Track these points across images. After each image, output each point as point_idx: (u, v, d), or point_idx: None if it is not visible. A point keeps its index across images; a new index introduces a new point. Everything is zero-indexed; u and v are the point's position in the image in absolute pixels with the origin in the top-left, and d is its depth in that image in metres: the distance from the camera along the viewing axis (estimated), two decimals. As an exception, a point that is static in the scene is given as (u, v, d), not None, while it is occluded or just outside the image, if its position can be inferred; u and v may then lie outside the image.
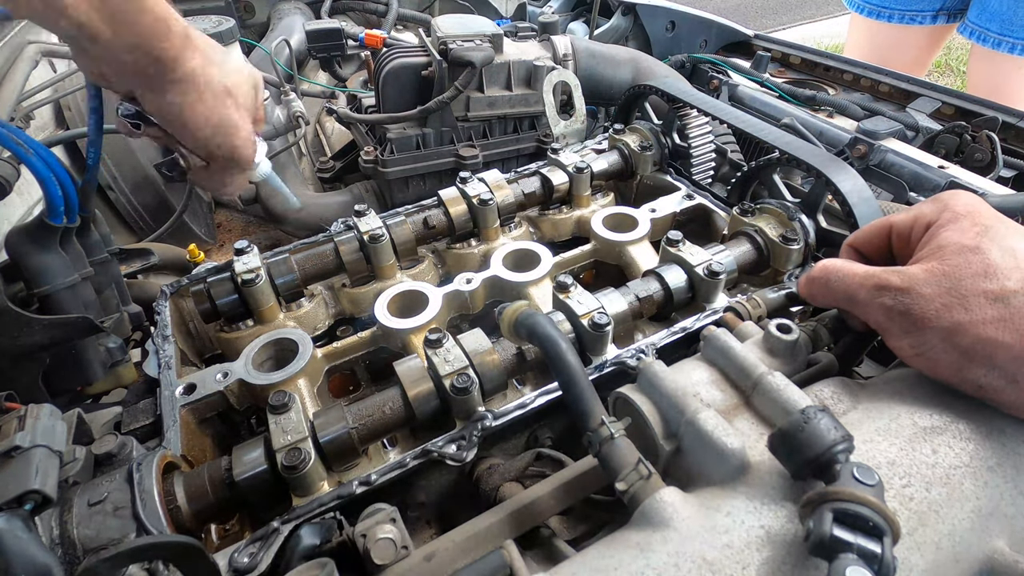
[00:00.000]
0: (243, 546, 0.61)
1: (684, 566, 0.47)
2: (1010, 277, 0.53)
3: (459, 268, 1.06)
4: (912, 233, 0.63)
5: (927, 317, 0.55)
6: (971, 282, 0.54)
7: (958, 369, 0.54)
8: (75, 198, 0.76)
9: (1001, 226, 0.57)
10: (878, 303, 0.59)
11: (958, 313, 0.53)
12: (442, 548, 0.59)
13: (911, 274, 0.57)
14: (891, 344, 0.59)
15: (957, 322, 0.53)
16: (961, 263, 0.55)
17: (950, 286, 0.54)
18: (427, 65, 1.34)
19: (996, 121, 1.50)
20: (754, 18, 6.66)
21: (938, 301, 0.54)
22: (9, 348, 0.74)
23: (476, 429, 0.70)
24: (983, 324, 0.52)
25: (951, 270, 0.55)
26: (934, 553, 0.48)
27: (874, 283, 0.59)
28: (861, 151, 1.37)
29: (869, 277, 0.60)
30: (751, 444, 0.57)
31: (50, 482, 0.55)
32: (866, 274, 0.61)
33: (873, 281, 0.60)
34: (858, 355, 0.87)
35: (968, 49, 2.28)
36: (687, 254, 0.89)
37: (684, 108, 1.20)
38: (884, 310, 0.58)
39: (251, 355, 0.84)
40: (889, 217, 0.67)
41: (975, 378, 0.54)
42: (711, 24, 2.17)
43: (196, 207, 1.56)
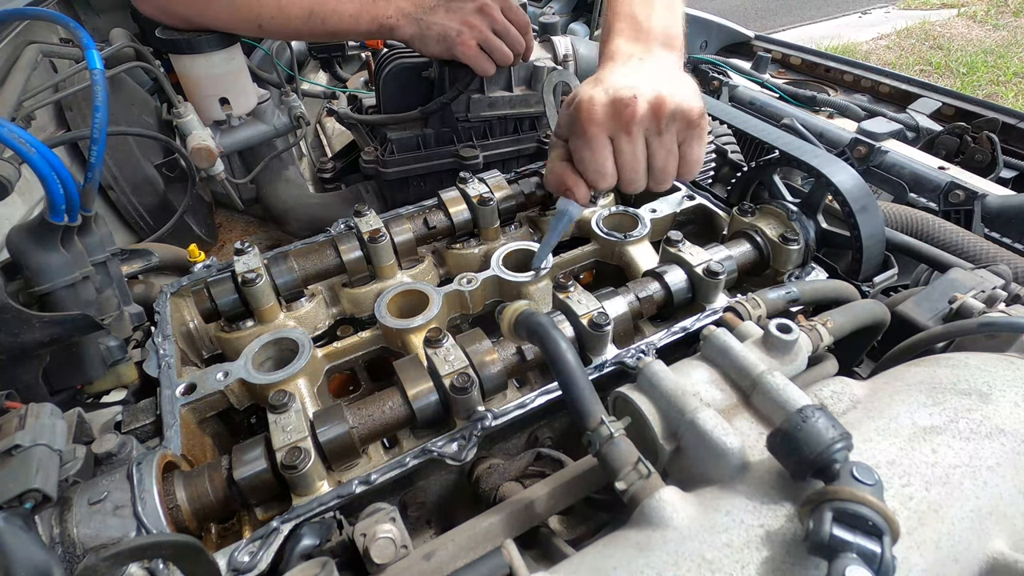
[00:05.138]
0: (243, 545, 0.61)
1: (684, 565, 0.47)
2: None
3: (459, 268, 1.06)
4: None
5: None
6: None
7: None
8: (76, 197, 0.76)
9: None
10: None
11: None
12: (442, 547, 0.59)
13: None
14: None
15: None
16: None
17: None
18: (428, 66, 1.34)
19: (996, 122, 1.51)
20: (754, 19, 6.66)
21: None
22: (9, 345, 0.74)
23: (476, 429, 0.70)
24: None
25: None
26: (934, 553, 0.48)
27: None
28: (861, 152, 1.37)
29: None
30: (751, 443, 0.57)
31: (50, 481, 0.55)
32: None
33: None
34: (858, 355, 0.87)
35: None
36: (687, 254, 0.89)
37: (684, 109, 1.20)
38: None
39: (251, 355, 0.84)
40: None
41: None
42: (711, 25, 2.17)
43: (196, 207, 1.56)
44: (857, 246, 0.90)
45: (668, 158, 0.82)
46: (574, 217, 0.90)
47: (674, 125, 0.79)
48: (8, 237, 0.77)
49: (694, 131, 0.81)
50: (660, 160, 0.81)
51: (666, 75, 0.81)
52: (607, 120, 0.77)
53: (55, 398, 0.82)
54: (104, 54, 1.00)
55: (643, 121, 0.77)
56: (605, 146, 0.79)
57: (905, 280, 1.04)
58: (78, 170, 1.32)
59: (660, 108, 0.77)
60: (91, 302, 0.82)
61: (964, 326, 0.72)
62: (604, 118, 0.77)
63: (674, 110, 0.77)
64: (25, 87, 1.15)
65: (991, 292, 0.80)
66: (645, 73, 0.80)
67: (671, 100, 0.77)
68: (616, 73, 0.80)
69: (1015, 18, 6.52)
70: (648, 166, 0.82)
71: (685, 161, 0.83)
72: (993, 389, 0.59)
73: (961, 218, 1.22)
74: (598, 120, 0.77)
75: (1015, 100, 4.79)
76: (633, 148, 0.80)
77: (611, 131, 0.79)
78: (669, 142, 0.81)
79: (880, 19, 6.89)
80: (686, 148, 0.82)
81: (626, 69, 0.81)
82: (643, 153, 0.81)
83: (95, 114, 0.77)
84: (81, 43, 0.80)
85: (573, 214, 0.89)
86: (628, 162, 0.80)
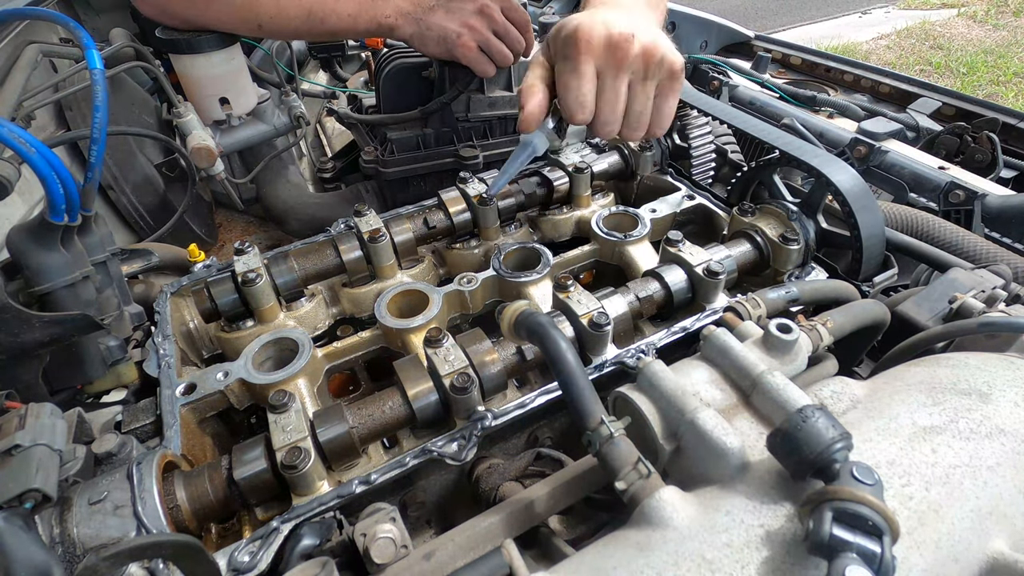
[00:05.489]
0: (243, 545, 0.61)
1: (683, 565, 0.47)
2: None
3: (459, 268, 1.06)
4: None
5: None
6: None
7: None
8: (76, 196, 0.76)
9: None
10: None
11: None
12: (441, 547, 0.59)
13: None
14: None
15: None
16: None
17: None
18: (428, 65, 1.34)
19: (996, 122, 1.50)
20: (754, 19, 6.66)
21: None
22: (9, 345, 0.74)
23: (476, 429, 0.70)
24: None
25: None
26: (933, 552, 0.48)
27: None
28: (861, 152, 1.37)
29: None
30: (751, 443, 0.57)
31: (50, 481, 0.55)
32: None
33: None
34: (858, 355, 0.87)
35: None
36: (687, 254, 0.89)
37: (684, 108, 1.20)
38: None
39: (251, 355, 0.84)
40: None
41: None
42: (711, 25, 2.17)
43: (196, 207, 1.56)
44: (857, 246, 0.90)
45: (647, 105, 0.83)
46: (538, 150, 0.87)
47: (659, 74, 0.81)
48: (8, 237, 0.77)
49: (674, 84, 0.83)
50: (639, 105, 0.82)
51: (654, 26, 0.83)
52: (602, 53, 0.78)
53: (55, 398, 0.82)
54: (104, 54, 1.00)
55: (634, 62, 0.78)
56: (593, 78, 0.79)
57: (905, 280, 1.04)
58: (78, 170, 1.32)
59: (652, 53, 0.78)
60: (91, 302, 0.82)
61: (964, 326, 0.72)
62: (599, 50, 0.77)
63: (663, 58, 0.79)
64: (25, 87, 1.15)
65: (991, 292, 0.80)
66: (637, 19, 0.81)
67: (661, 48, 0.79)
68: (610, 14, 0.81)
69: (1015, 18, 6.52)
70: (625, 110, 0.83)
71: (660, 113, 0.84)
72: (993, 389, 0.59)
73: (961, 218, 1.22)
74: (594, 51, 0.77)
75: (1015, 100, 4.79)
76: (618, 86, 0.80)
77: (602, 65, 0.79)
78: (650, 89, 0.82)
79: (880, 19, 6.90)
80: (662, 100, 0.83)
81: (618, 12, 0.82)
82: (625, 95, 0.81)
83: (95, 114, 0.77)
84: (81, 43, 0.80)
85: (537, 147, 0.87)
86: (610, 100, 0.81)
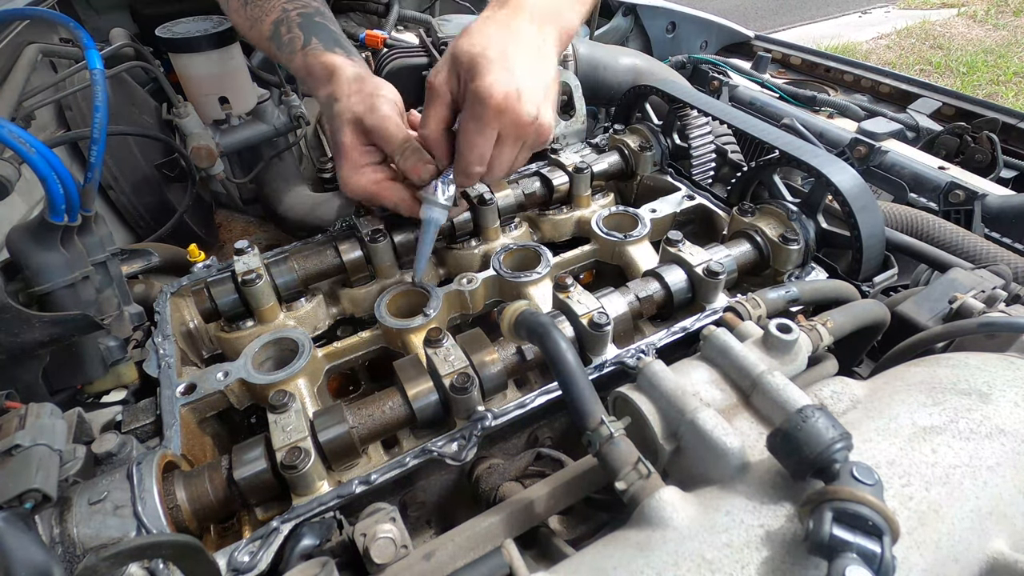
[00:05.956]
0: (243, 545, 0.61)
1: (683, 565, 0.47)
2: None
3: (459, 268, 1.06)
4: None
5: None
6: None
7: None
8: (76, 196, 0.76)
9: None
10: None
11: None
12: (442, 547, 0.59)
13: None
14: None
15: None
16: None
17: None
18: (428, 65, 1.34)
19: (996, 122, 1.50)
20: (754, 19, 6.66)
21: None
22: (10, 345, 0.74)
23: (476, 429, 0.70)
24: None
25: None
26: (934, 552, 0.48)
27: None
28: (861, 152, 1.37)
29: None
30: (751, 443, 0.57)
31: (50, 481, 0.55)
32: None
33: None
34: (858, 355, 0.87)
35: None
36: (687, 254, 0.89)
37: (684, 108, 1.20)
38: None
39: (251, 355, 0.84)
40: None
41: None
42: (711, 25, 2.17)
43: (196, 207, 1.56)
44: (857, 246, 0.90)
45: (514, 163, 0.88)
46: (440, 221, 0.90)
47: (538, 144, 0.87)
48: (8, 237, 0.77)
49: (537, 146, 0.88)
50: (514, 164, 0.88)
51: (552, 84, 0.85)
52: (509, 125, 0.80)
53: (55, 398, 0.83)
54: (104, 54, 1.00)
55: (529, 136, 0.83)
56: (493, 141, 0.82)
57: (905, 280, 1.04)
58: (78, 170, 1.32)
59: (543, 132, 0.83)
60: (91, 302, 0.82)
61: (964, 326, 0.73)
62: (508, 122, 0.80)
63: (548, 134, 0.84)
64: (25, 87, 1.15)
65: (991, 292, 0.80)
66: (541, 74, 0.82)
67: (548, 123, 0.83)
68: (519, 59, 0.80)
69: (1015, 18, 6.52)
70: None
71: (515, 165, 0.89)
72: (993, 389, 0.59)
73: (961, 218, 1.22)
74: (504, 121, 0.79)
75: (1015, 100, 4.79)
76: (513, 154, 0.85)
77: (504, 134, 0.82)
78: (526, 153, 0.89)
79: (880, 19, 6.90)
80: (521, 155, 0.88)
81: (528, 57, 0.82)
82: (513, 159, 0.87)
83: (95, 114, 0.77)
84: (81, 43, 0.80)
85: (439, 219, 0.90)
86: (502, 164, 0.85)
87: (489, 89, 0.77)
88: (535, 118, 0.80)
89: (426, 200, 0.88)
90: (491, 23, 0.83)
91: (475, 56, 0.79)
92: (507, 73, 0.78)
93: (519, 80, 0.78)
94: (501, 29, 0.82)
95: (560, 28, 0.88)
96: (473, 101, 0.79)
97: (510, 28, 0.82)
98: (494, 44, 0.79)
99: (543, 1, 0.87)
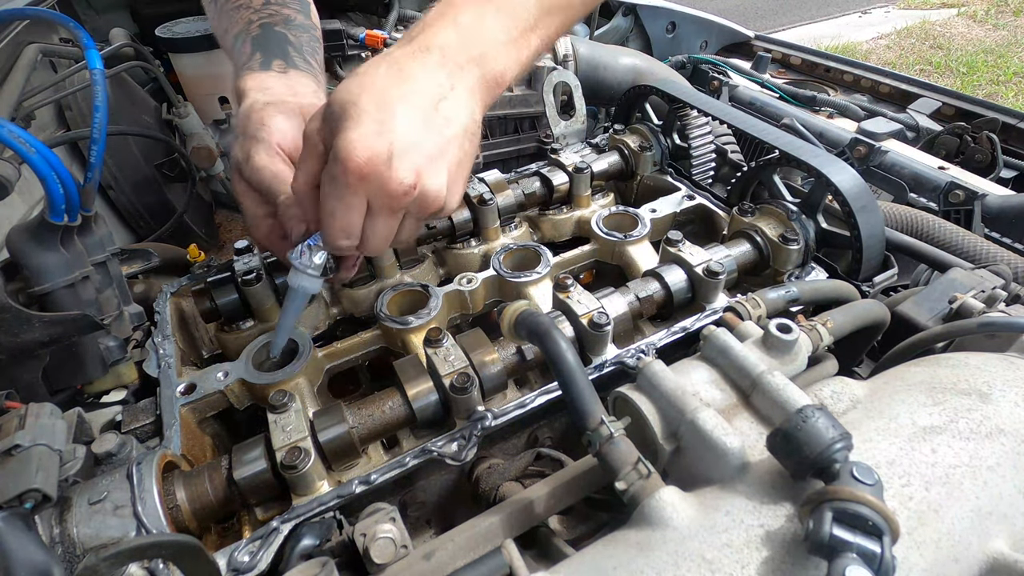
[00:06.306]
0: (243, 545, 0.61)
1: (683, 565, 0.47)
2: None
3: (459, 268, 1.06)
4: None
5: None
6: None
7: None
8: (76, 196, 0.76)
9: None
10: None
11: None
12: (442, 547, 0.59)
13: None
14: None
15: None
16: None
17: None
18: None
19: (996, 122, 1.50)
20: (754, 19, 6.66)
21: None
22: (10, 345, 0.74)
23: (476, 429, 0.70)
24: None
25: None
26: (933, 552, 0.48)
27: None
28: (861, 152, 1.38)
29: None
30: (751, 443, 0.57)
31: (50, 481, 0.55)
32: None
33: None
34: (858, 355, 0.87)
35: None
36: (687, 254, 0.89)
37: (684, 108, 1.20)
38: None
39: (251, 354, 0.84)
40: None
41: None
42: (711, 25, 2.17)
43: (196, 207, 1.56)
44: (857, 246, 0.90)
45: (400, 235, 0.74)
46: (310, 290, 0.75)
47: (424, 215, 0.72)
48: (8, 237, 0.77)
49: (426, 216, 0.72)
50: (395, 236, 0.73)
51: (457, 145, 0.68)
52: (377, 192, 0.65)
53: (55, 398, 0.82)
54: (104, 54, 1.00)
55: (409, 206, 0.68)
56: (362, 209, 0.67)
57: (905, 280, 1.04)
58: (78, 170, 1.32)
59: (428, 203, 0.67)
60: (91, 302, 0.82)
61: (964, 326, 0.73)
62: (375, 188, 0.64)
63: (438, 205, 0.69)
64: (25, 87, 1.15)
65: (991, 292, 0.80)
66: (434, 133, 0.66)
67: (437, 196, 0.67)
68: (403, 112, 0.64)
69: (1015, 18, 6.52)
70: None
71: (397, 237, 0.74)
72: (993, 389, 0.59)
73: (961, 218, 1.22)
74: (369, 187, 0.64)
75: (1015, 100, 4.79)
76: (390, 224, 0.70)
77: (374, 202, 0.66)
78: (412, 224, 0.74)
79: (880, 19, 6.90)
80: (408, 226, 0.74)
81: (418, 109, 0.65)
82: (393, 230, 0.72)
83: (95, 114, 0.77)
84: (81, 43, 0.80)
85: (308, 288, 0.75)
86: (377, 237, 0.70)
87: (349, 148, 0.62)
88: (411, 186, 0.64)
89: (291, 264, 0.74)
90: (383, 63, 0.67)
91: (346, 104, 0.64)
92: (378, 128, 0.63)
93: (395, 138, 0.63)
94: (392, 72, 0.66)
95: (484, 74, 0.70)
96: (332, 161, 0.64)
97: (403, 72, 0.66)
98: (374, 90, 0.64)
99: (464, 40, 0.69)
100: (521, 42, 0.73)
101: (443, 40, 0.68)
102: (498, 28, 0.71)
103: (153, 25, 1.40)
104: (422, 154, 0.65)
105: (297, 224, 0.75)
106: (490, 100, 0.73)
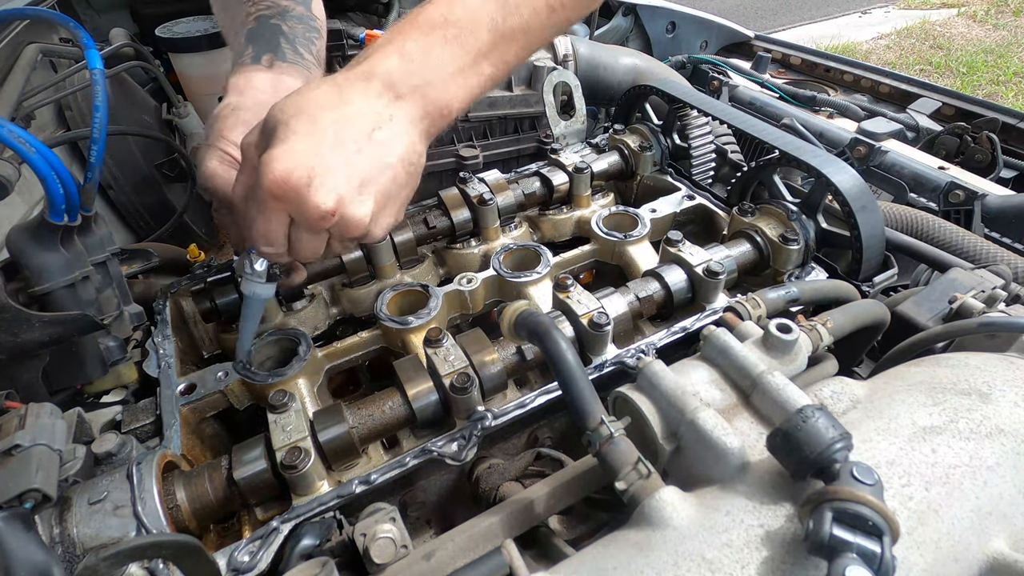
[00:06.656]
0: (243, 545, 0.61)
1: (683, 565, 0.47)
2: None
3: (459, 268, 1.06)
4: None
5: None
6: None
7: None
8: (76, 196, 0.76)
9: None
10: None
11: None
12: (442, 547, 0.59)
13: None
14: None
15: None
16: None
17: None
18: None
19: (996, 122, 1.50)
20: (754, 19, 6.66)
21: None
22: (10, 345, 0.74)
23: (476, 429, 0.70)
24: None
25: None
26: (933, 552, 0.48)
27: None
28: (861, 152, 1.38)
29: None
30: (751, 443, 0.57)
31: (50, 481, 0.55)
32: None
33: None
34: (858, 355, 0.87)
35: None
36: (687, 254, 0.89)
37: (684, 108, 1.20)
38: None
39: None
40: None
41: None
42: (711, 25, 2.17)
43: (196, 207, 1.56)
44: (857, 246, 0.90)
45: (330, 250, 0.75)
46: (261, 296, 0.76)
47: (348, 239, 0.72)
48: (8, 237, 0.77)
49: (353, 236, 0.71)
50: (324, 250, 0.72)
51: (389, 175, 0.67)
52: (295, 211, 0.65)
53: (55, 398, 0.82)
54: (104, 54, 1.00)
55: (332, 228, 0.67)
56: (284, 223, 0.67)
57: (905, 280, 1.04)
58: (78, 170, 1.32)
59: (349, 228, 0.66)
60: (91, 302, 0.82)
61: (964, 326, 0.73)
62: (294, 208, 0.64)
63: (361, 231, 0.68)
64: (25, 87, 1.15)
65: (991, 292, 0.80)
66: (365, 160, 0.65)
67: (361, 223, 0.66)
68: (335, 135, 0.64)
69: (1015, 18, 6.51)
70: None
71: (334, 251, 0.75)
72: (993, 389, 0.59)
73: (961, 218, 1.22)
74: (290, 207, 0.64)
75: (1015, 100, 4.78)
76: (315, 241, 0.69)
77: (297, 221, 0.67)
78: (344, 244, 0.75)
79: (880, 19, 6.89)
80: (335, 244, 0.74)
81: (352, 134, 0.65)
82: (322, 245, 0.71)
83: (95, 114, 0.77)
84: (81, 43, 0.80)
85: (260, 294, 0.76)
86: (306, 250, 0.70)
87: (269, 165, 0.62)
88: (330, 212, 0.63)
89: (240, 272, 0.76)
90: (324, 85, 0.67)
91: (279, 121, 0.64)
92: (304, 149, 0.62)
93: (319, 162, 0.62)
94: (330, 95, 0.65)
95: (428, 104, 0.69)
96: (258, 173, 0.63)
97: (342, 96, 0.65)
98: (309, 112, 0.64)
99: (408, 69, 0.67)
100: (470, 72, 0.71)
101: (387, 68, 0.67)
102: (446, 58, 0.69)
103: (153, 25, 1.40)
104: (346, 180, 0.64)
105: (235, 231, 0.77)
106: (435, 131, 0.72)
